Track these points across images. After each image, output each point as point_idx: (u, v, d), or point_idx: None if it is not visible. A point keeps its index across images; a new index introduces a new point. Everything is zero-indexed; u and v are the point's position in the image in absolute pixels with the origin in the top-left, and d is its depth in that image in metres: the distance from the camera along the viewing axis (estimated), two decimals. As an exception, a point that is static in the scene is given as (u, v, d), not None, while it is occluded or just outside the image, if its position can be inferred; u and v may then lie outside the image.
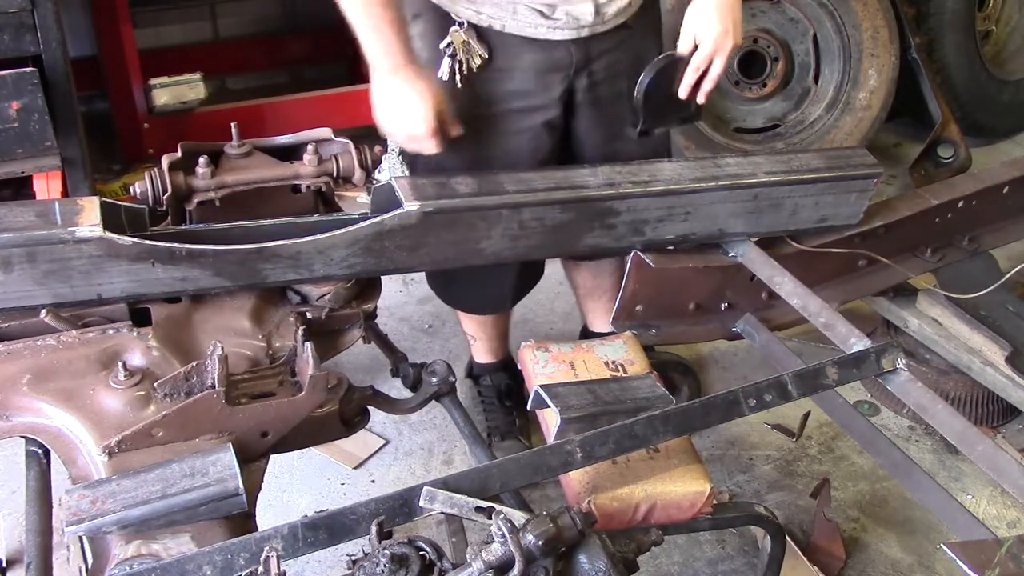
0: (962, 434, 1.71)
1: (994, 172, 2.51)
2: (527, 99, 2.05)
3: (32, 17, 2.39)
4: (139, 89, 3.44)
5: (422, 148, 1.95)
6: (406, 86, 1.88)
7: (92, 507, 1.35)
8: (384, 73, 1.89)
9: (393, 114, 1.92)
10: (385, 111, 1.93)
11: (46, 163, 2.43)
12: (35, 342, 1.62)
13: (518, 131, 2.08)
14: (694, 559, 2.29)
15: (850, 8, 3.61)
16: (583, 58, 2.04)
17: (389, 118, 1.93)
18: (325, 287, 1.84)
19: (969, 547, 1.45)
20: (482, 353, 2.59)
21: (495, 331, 2.54)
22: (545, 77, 2.04)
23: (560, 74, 2.04)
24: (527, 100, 2.05)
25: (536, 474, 1.50)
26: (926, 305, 2.58)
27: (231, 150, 1.88)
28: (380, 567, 1.20)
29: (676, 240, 2.07)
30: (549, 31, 1.98)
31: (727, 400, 1.64)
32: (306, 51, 4.20)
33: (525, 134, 2.08)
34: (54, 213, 1.63)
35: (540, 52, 2.01)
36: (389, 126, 1.95)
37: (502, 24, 1.96)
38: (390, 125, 1.94)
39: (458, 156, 2.04)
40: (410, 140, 1.95)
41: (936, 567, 2.30)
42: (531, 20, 1.96)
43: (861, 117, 3.69)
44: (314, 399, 1.59)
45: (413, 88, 1.88)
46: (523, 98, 2.05)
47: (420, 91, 1.88)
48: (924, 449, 2.63)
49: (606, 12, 2.00)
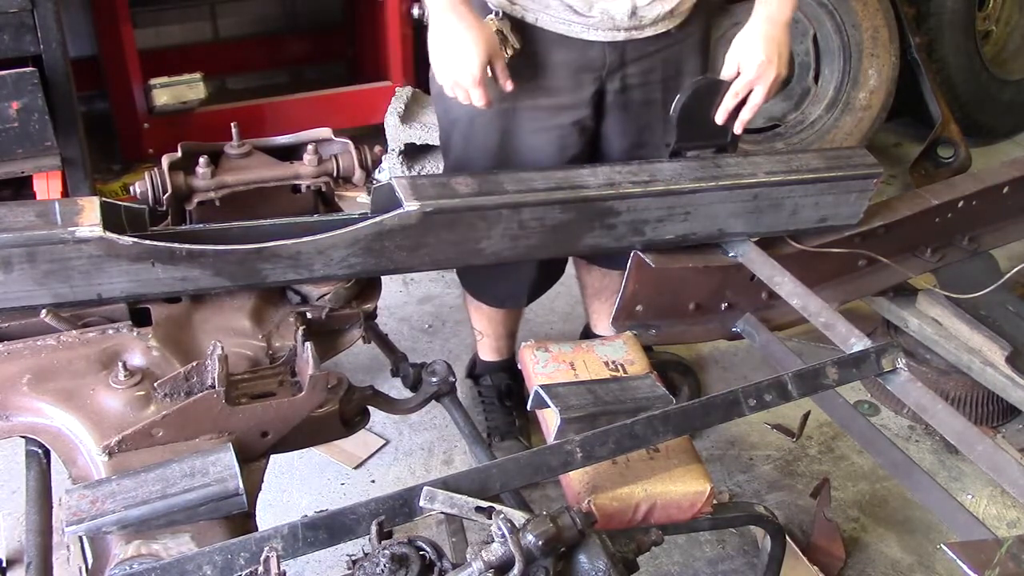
0: (962, 434, 1.71)
1: (994, 172, 2.51)
2: (558, 96, 2.03)
3: (32, 17, 2.39)
4: (139, 89, 3.44)
5: (468, 96, 1.90)
6: (461, 25, 1.84)
7: (92, 507, 1.35)
8: (439, 12, 1.85)
9: (443, 56, 1.87)
10: (437, 52, 1.88)
11: (46, 163, 2.43)
12: (35, 342, 1.62)
13: (547, 128, 2.06)
14: (694, 559, 2.29)
15: (850, 8, 3.61)
16: (617, 60, 2.01)
17: (439, 60, 1.88)
18: (325, 287, 1.84)
19: (969, 547, 1.45)
20: (487, 350, 2.59)
21: (504, 329, 2.53)
22: (577, 76, 2.01)
23: (593, 74, 2.02)
24: (558, 98, 2.03)
25: (536, 474, 1.50)
26: (926, 305, 2.58)
27: (231, 150, 1.88)
28: (380, 567, 1.20)
29: (676, 240, 2.07)
30: (583, 30, 1.95)
31: (727, 400, 1.64)
32: (306, 51, 4.20)
33: (554, 132, 2.06)
34: (54, 213, 1.63)
35: (574, 50, 1.98)
36: (437, 68, 1.90)
37: (535, 17, 1.94)
38: (438, 67, 1.89)
39: (486, 149, 2.04)
40: (456, 86, 1.90)
41: (936, 567, 2.30)
42: (564, 16, 1.94)
43: (861, 117, 3.69)
44: (314, 399, 1.59)
45: (467, 28, 1.84)
46: (554, 95, 2.03)
47: (473, 33, 1.84)
48: (924, 449, 2.63)
49: (644, 16, 1.95)
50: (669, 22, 2.01)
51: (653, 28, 2.00)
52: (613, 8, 1.93)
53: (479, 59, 1.85)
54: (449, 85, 1.92)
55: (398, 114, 3.34)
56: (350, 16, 4.17)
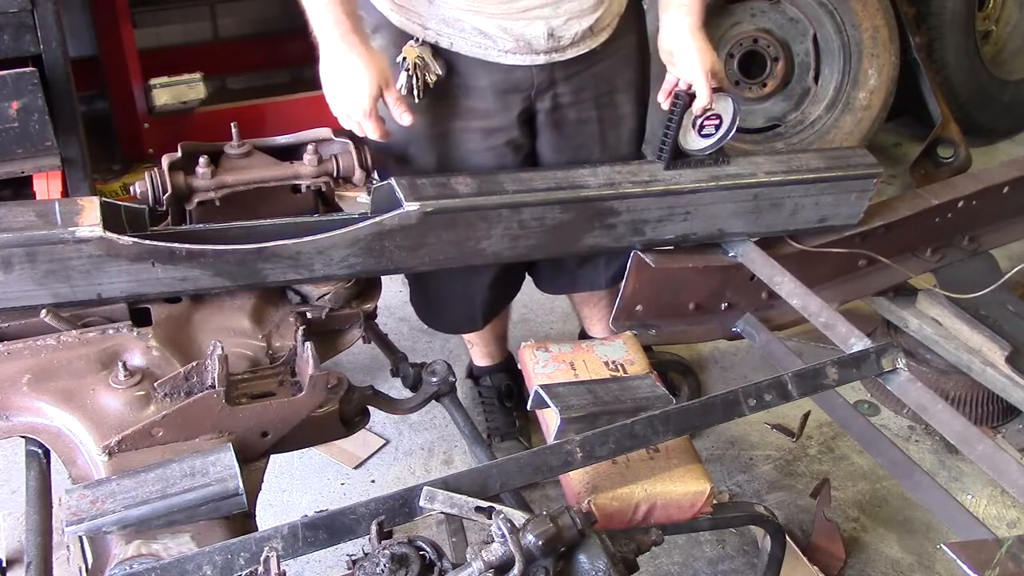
0: (962, 434, 1.71)
1: (994, 172, 2.51)
2: (487, 119, 1.97)
3: (32, 17, 2.39)
4: (139, 89, 3.44)
5: (362, 129, 1.85)
6: (350, 56, 1.77)
7: (92, 507, 1.35)
8: (329, 42, 1.80)
9: (334, 88, 1.82)
10: (327, 84, 1.83)
11: (46, 163, 2.43)
12: (35, 342, 1.62)
13: (481, 150, 2.00)
14: (694, 559, 2.29)
15: (850, 8, 3.61)
16: (546, 80, 1.95)
17: (330, 92, 1.83)
18: (325, 287, 1.84)
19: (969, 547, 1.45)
20: (480, 357, 2.59)
21: (490, 335, 2.52)
22: (504, 98, 1.95)
23: (520, 95, 1.96)
24: (487, 120, 1.97)
25: (536, 474, 1.50)
26: (926, 305, 2.58)
27: (231, 150, 1.88)
28: (380, 567, 1.20)
29: (676, 240, 2.07)
30: (500, 55, 1.89)
31: (727, 400, 1.64)
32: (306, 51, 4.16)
33: (488, 153, 2.01)
34: (54, 213, 1.63)
35: (498, 73, 1.92)
36: (330, 101, 1.85)
37: (450, 42, 1.88)
38: (331, 100, 1.84)
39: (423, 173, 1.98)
40: (347, 119, 1.85)
41: (936, 567, 2.30)
42: (479, 41, 1.87)
43: (861, 117, 3.69)
44: (314, 399, 1.59)
45: (357, 59, 1.77)
46: (483, 117, 1.97)
47: (363, 65, 1.77)
48: (924, 449, 2.63)
49: (562, 36, 1.88)
50: (591, 41, 1.94)
51: (575, 49, 1.92)
52: (529, 33, 1.86)
53: (370, 91, 1.79)
54: (342, 118, 1.86)
55: (398, 114, 3.34)
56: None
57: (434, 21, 1.87)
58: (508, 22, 1.85)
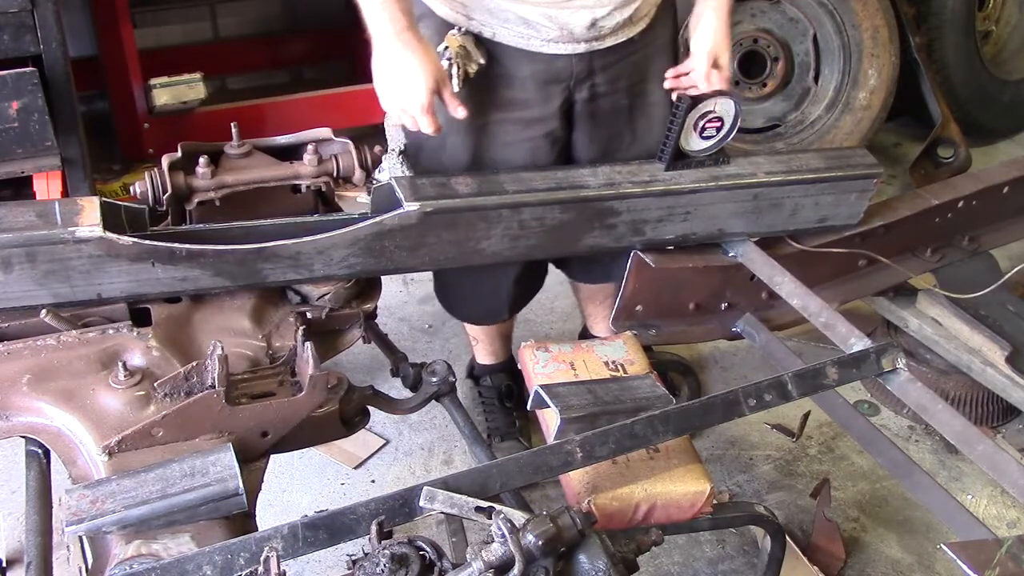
0: (962, 434, 1.71)
1: (994, 172, 2.51)
2: (527, 109, 2.00)
3: (32, 17, 2.38)
4: (139, 89, 3.43)
5: (417, 124, 1.86)
6: (406, 52, 1.79)
7: (92, 507, 1.35)
8: (384, 39, 1.80)
9: (389, 83, 1.83)
10: (382, 80, 1.84)
11: (46, 163, 2.43)
12: (35, 342, 1.62)
13: (518, 142, 2.02)
14: (694, 559, 2.29)
15: (850, 8, 3.61)
16: (585, 70, 1.98)
17: (385, 87, 1.84)
18: (325, 287, 1.84)
19: (969, 547, 1.45)
20: (484, 355, 2.59)
21: (497, 333, 2.53)
22: (545, 88, 1.98)
23: (560, 85, 1.98)
24: (527, 110, 2.00)
25: (536, 474, 1.50)
26: (926, 305, 2.58)
27: (231, 150, 1.88)
28: (380, 567, 1.20)
29: (676, 240, 2.07)
30: (543, 44, 1.91)
31: (727, 400, 1.64)
32: (306, 51, 4.20)
33: (525, 144, 2.02)
34: (54, 213, 1.63)
35: (540, 62, 1.94)
36: (385, 96, 1.86)
37: (492, 32, 1.91)
38: (385, 95, 1.85)
39: (456, 165, 2.01)
40: (404, 114, 1.86)
41: (936, 567, 2.30)
42: (522, 31, 1.90)
43: (861, 117, 3.69)
44: (314, 399, 1.59)
45: (413, 55, 1.79)
46: (523, 108, 1.99)
47: (420, 59, 1.79)
48: (924, 449, 2.63)
49: (603, 26, 1.91)
50: (630, 30, 1.97)
51: (614, 38, 1.96)
52: (573, 21, 1.89)
53: (428, 86, 1.80)
54: (396, 113, 1.87)
55: (398, 114, 3.34)
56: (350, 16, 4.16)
57: (479, 11, 1.89)
58: (553, 10, 1.88)
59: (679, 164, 2.02)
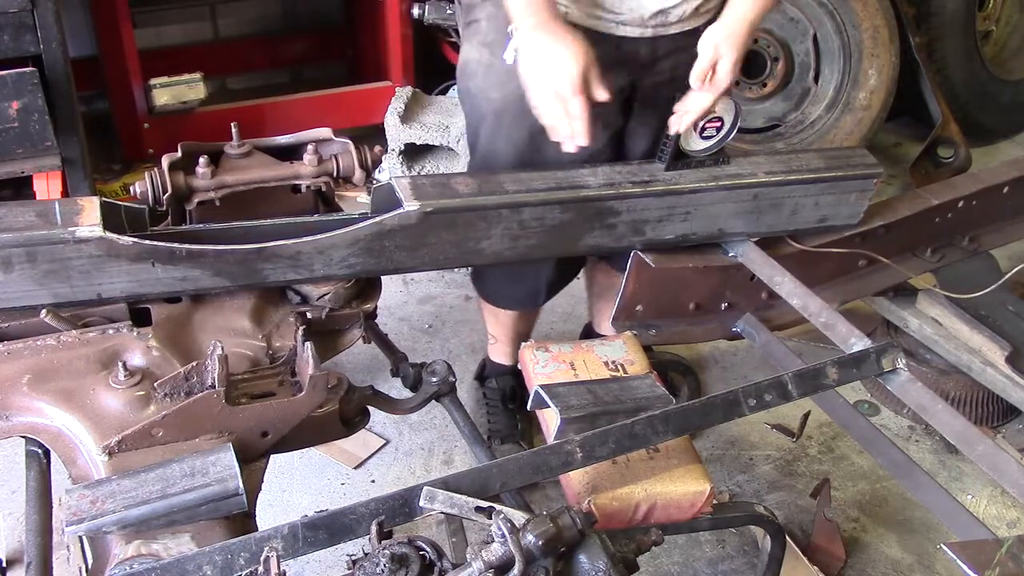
0: (962, 434, 1.71)
1: (994, 172, 2.51)
2: None
3: (32, 17, 2.39)
4: (139, 89, 3.44)
5: (567, 107, 1.85)
6: (554, 41, 1.82)
7: (92, 507, 1.35)
8: (529, 29, 1.84)
9: (540, 71, 1.85)
10: (532, 68, 1.86)
11: (46, 163, 2.43)
12: (35, 342, 1.62)
13: None
14: (694, 559, 2.29)
15: (850, 8, 3.61)
16: (650, 56, 2.00)
17: (536, 75, 1.86)
18: (325, 287, 1.84)
19: (969, 547, 1.45)
20: (499, 354, 2.58)
21: (516, 333, 2.51)
22: (609, 72, 1.95)
23: (625, 69, 2.00)
24: None
25: (536, 474, 1.50)
26: (926, 305, 2.58)
27: (231, 150, 1.88)
28: (380, 567, 1.20)
29: (676, 240, 2.07)
30: (613, 26, 1.95)
31: (727, 400, 1.64)
32: (306, 51, 4.20)
33: None
34: (54, 213, 1.63)
35: (608, 44, 1.95)
36: (535, 84, 1.87)
37: (565, 10, 1.93)
38: (537, 83, 1.87)
39: (512, 144, 2.02)
40: (557, 98, 1.85)
41: (936, 567, 2.30)
42: (592, 12, 1.93)
43: (861, 117, 3.69)
44: (314, 399, 1.59)
45: (561, 43, 1.82)
46: None
47: (568, 46, 1.81)
48: (924, 449, 2.63)
49: (671, 13, 1.95)
50: (695, 20, 2.00)
51: (680, 25, 1.99)
52: (643, 5, 1.93)
53: (580, 66, 1.81)
54: (549, 98, 1.86)
55: (398, 114, 3.34)
56: (350, 16, 4.17)
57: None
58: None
59: (679, 164, 2.02)
